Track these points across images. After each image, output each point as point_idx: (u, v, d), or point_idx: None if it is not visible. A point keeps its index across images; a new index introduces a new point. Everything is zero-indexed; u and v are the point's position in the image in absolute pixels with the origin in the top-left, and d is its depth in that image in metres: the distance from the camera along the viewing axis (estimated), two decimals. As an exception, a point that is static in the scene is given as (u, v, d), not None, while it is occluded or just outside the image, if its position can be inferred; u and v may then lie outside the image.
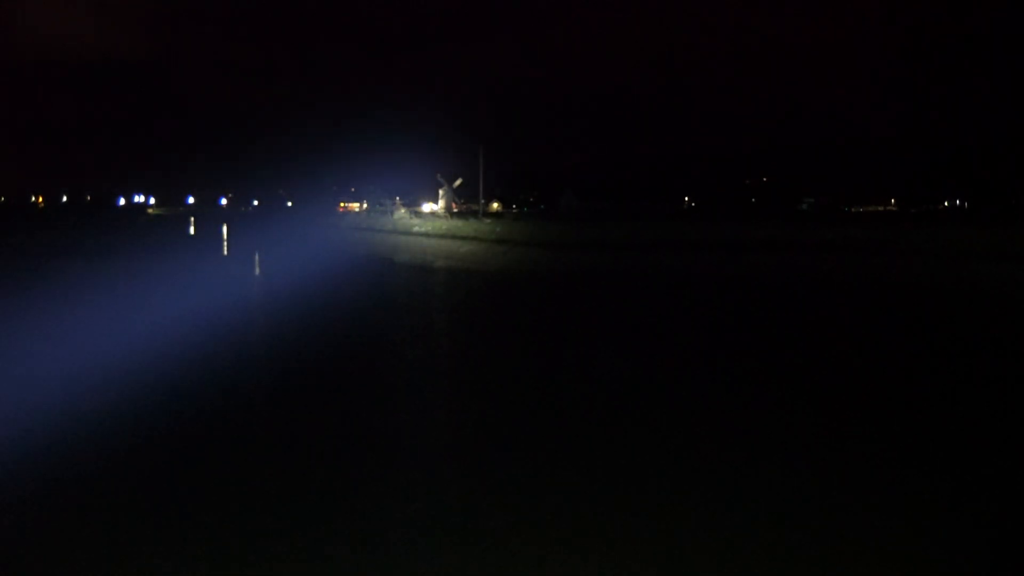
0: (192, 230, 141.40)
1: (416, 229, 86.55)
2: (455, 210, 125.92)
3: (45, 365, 22.85)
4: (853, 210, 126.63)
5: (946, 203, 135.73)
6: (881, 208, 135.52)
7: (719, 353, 25.31)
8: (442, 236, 76.81)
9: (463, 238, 71.64)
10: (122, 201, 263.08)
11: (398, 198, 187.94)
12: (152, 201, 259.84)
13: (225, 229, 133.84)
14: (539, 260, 56.43)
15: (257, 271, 59.48)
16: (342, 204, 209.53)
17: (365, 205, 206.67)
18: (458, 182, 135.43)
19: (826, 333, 29.79)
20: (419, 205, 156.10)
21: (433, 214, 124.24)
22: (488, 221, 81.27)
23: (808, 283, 44.31)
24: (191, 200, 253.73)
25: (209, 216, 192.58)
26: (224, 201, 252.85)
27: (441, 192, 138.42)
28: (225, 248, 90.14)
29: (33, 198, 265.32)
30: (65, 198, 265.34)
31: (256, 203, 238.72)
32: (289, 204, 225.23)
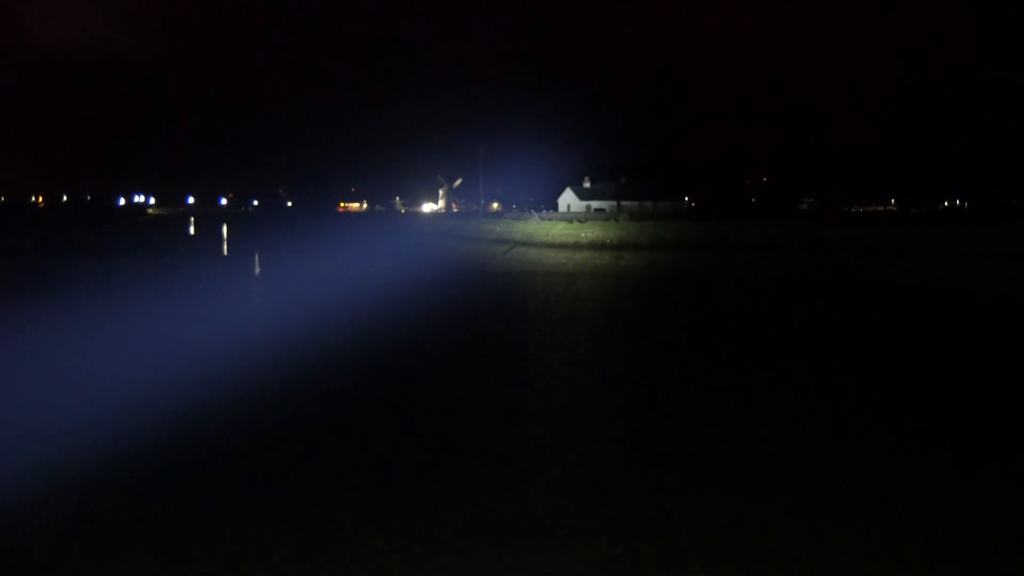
0: (192, 230, 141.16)
1: (417, 229, 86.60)
2: (455, 210, 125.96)
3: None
4: (853, 210, 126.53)
5: (946, 203, 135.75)
6: (881, 208, 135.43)
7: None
8: (444, 236, 76.78)
9: (464, 237, 71.66)
10: (122, 201, 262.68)
11: (398, 198, 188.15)
12: (152, 201, 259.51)
13: (230, 231, 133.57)
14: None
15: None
16: (342, 204, 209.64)
17: (365, 205, 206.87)
18: (458, 182, 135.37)
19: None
20: (419, 205, 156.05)
21: (433, 213, 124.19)
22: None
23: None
24: (191, 200, 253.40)
25: (210, 216, 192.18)
26: (224, 201, 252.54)
27: (441, 192, 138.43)
28: (224, 248, 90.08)
29: (33, 198, 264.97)
30: (65, 198, 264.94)
31: (256, 203, 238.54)
32: (289, 204, 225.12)
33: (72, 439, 15.53)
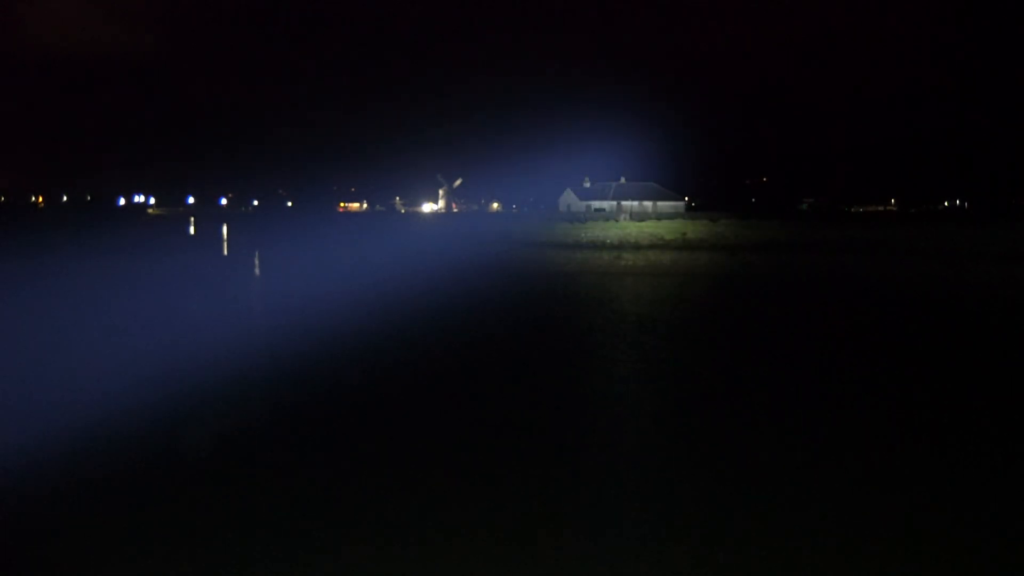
0: (192, 230, 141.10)
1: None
2: (455, 210, 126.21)
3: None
4: (853, 210, 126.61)
5: (946, 203, 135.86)
6: (881, 208, 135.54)
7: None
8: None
9: (463, 237, 71.57)
10: (122, 201, 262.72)
11: (398, 198, 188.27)
12: (152, 201, 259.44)
13: (231, 231, 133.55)
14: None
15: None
16: (342, 204, 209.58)
17: (365, 205, 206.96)
18: (458, 182, 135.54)
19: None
20: (419, 205, 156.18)
21: (433, 214, 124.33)
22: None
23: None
24: (191, 200, 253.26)
25: (210, 216, 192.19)
26: (224, 201, 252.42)
27: (441, 192, 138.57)
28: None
29: (33, 198, 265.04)
30: (65, 198, 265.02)
31: (256, 203, 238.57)
32: (289, 204, 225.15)
33: (70, 438, 15.54)
